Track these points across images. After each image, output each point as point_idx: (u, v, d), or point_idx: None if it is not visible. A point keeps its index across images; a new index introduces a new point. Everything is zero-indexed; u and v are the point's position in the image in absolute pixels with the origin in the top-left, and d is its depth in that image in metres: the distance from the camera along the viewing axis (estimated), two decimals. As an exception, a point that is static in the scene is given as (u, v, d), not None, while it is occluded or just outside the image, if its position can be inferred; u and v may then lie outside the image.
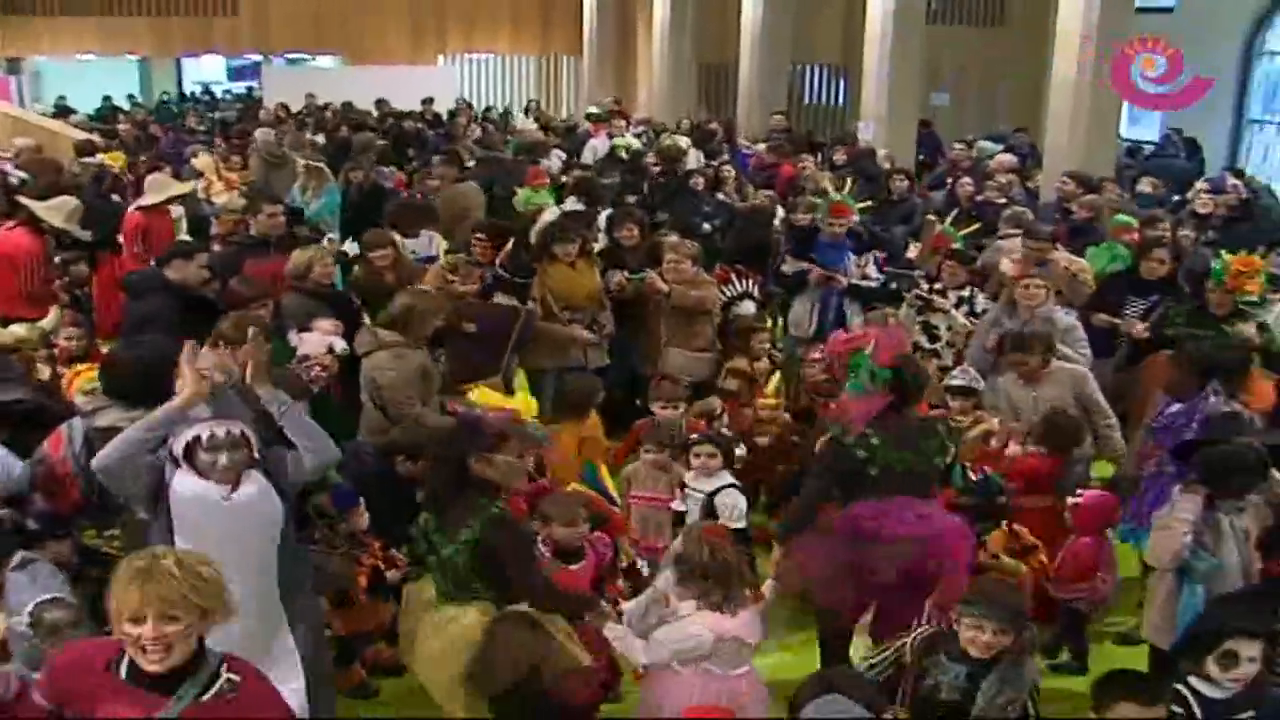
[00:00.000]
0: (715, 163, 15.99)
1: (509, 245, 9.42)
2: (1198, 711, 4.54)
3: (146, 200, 11.90)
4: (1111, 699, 4.30)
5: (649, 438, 7.43)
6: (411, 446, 6.72)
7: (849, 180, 11.72)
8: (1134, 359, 9.12)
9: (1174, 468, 6.60)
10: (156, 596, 3.60)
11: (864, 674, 4.88)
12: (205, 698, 3.73)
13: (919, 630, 5.10)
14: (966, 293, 9.56)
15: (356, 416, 7.78)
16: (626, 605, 5.68)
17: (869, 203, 11.59)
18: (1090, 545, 6.72)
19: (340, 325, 7.86)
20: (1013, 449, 7.44)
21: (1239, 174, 15.89)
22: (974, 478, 6.79)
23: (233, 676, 3.80)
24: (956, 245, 10.25)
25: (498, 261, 9.22)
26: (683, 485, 7.08)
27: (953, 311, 9.43)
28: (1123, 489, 7.46)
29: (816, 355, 8.78)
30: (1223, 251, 8.88)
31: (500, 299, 8.99)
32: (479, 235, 9.91)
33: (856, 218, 10.52)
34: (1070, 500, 6.93)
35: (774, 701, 5.33)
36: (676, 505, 7.08)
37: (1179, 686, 4.59)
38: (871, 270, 10.32)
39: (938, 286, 9.67)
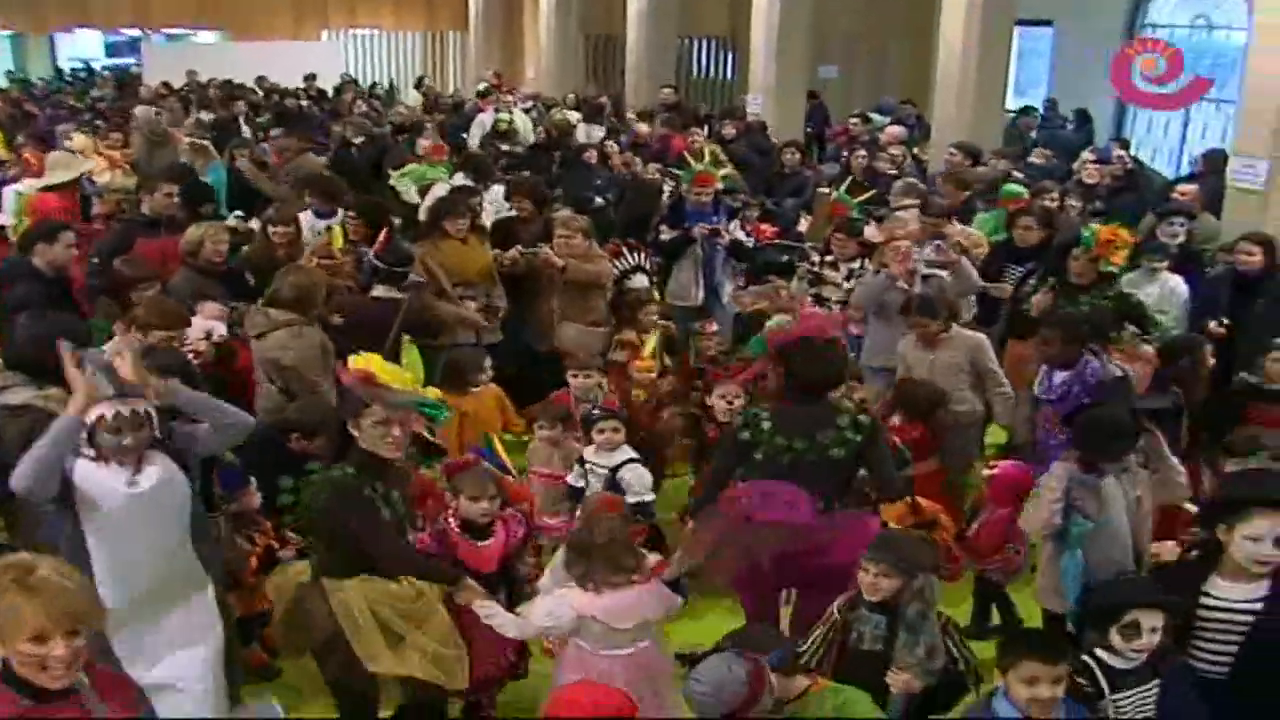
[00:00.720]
0: (618, 138, 15.96)
1: (384, 234, 9.27)
2: (1103, 682, 4.62)
3: (55, 179, 11.60)
4: (1016, 657, 4.33)
5: (542, 414, 7.45)
6: (307, 424, 6.64)
7: (708, 151, 11.96)
8: (1015, 325, 9.27)
9: (1066, 435, 6.67)
10: (62, 613, 3.43)
11: (779, 633, 4.91)
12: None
13: (843, 596, 5.16)
14: (857, 265, 9.57)
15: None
16: (541, 581, 5.65)
17: (728, 169, 11.64)
18: (1005, 517, 6.68)
19: (225, 311, 7.77)
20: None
21: (1124, 145, 16.10)
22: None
23: None
24: (854, 214, 10.36)
25: (374, 251, 9.07)
26: (581, 460, 7.04)
27: (844, 284, 9.45)
28: (1028, 457, 7.52)
29: (712, 328, 8.92)
30: (1093, 224, 9.07)
31: (379, 290, 8.76)
32: (353, 215, 9.79)
33: (721, 186, 10.71)
34: (985, 472, 6.96)
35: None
36: (571, 480, 7.07)
37: (1085, 658, 4.67)
38: (740, 235, 10.65)
39: (829, 259, 9.70)
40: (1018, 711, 4.28)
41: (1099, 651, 4.67)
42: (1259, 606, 4.79)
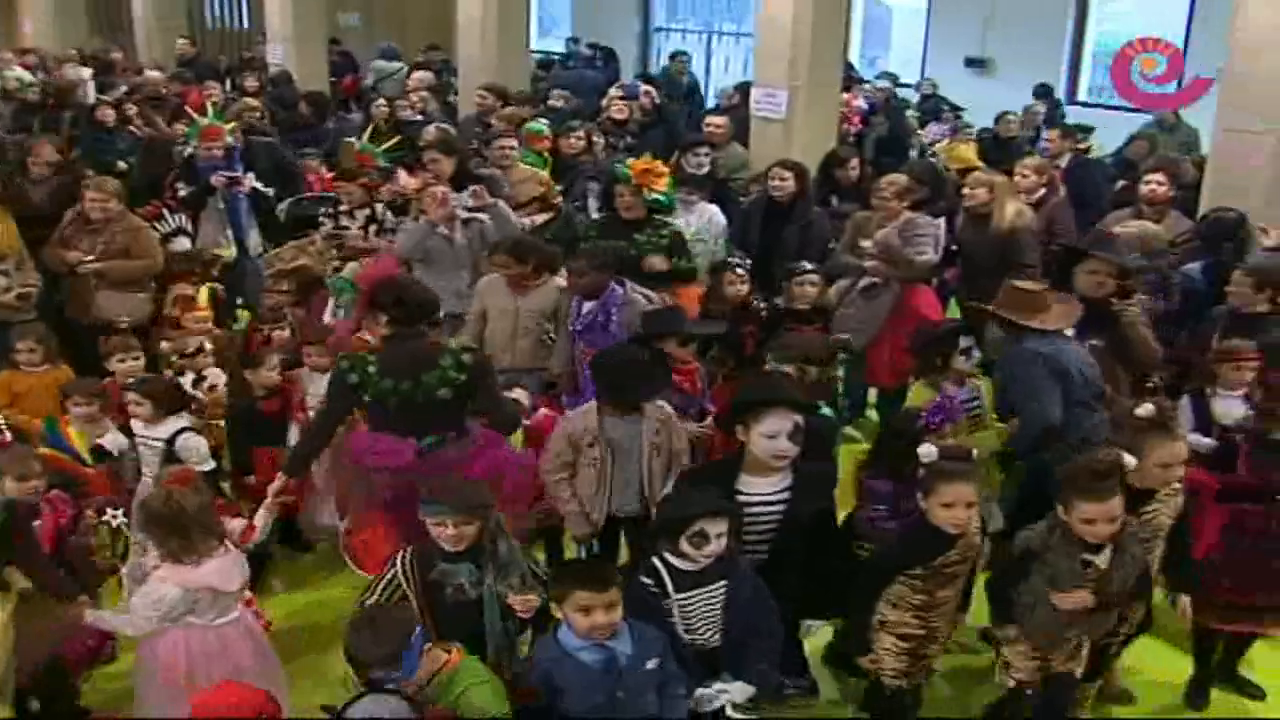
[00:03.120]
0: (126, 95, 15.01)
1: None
2: (669, 581, 4.81)
3: None
4: (567, 589, 4.46)
5: (73, 391, 6.96)
6: None
7: (212, 103, 11.85)
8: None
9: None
10: None
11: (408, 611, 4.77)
12: None
13: (399, 554, 5.09)
14: (369, 210, 9.52)
15: None
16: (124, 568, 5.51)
17: (234, 124, 11.25)
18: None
19: None
20: None
21: (650, 80, 16.34)
22: None
23: None
24: (380, 162, 10.30)
25: None
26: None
27: (355, 231, 9.38)
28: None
29: (283, 285, 8.68)
30: (627, 160, 9.22)
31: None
32: None
33: (231, 140, 10.54)
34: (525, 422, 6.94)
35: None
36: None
37: (654, 560, 4.87)
38: (259, 184, 10.53)
39: (343, 208, 9.57)
40: (581, 640, 4.43)
41: (667, 556, 4.85)
42: (785, 496, 5.28)
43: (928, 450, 5.22)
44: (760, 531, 5.25)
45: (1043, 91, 17.85)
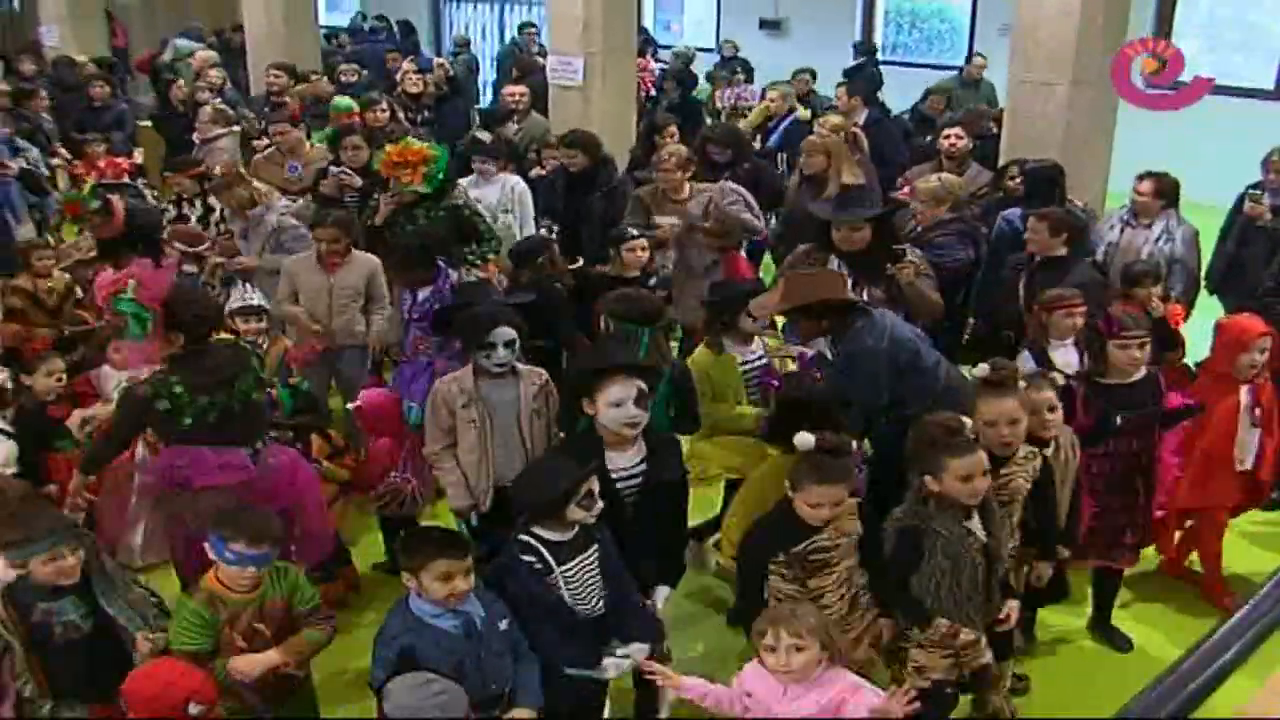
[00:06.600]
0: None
1: None
2: (549, 557, 4.74)
3: None
4: (426, 558, 4.40)
5: None
6: None
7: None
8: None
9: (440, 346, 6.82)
10: None
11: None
12: None
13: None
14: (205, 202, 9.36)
15: None
16: None
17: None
18: (387, 444, 6.63)
19: None
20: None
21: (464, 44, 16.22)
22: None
23: None
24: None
25: None
26: None
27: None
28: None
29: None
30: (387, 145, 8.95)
31: None
32: None
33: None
34: (352, 404, 6.87)
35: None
36: None
37: (526, 538, 4.75)
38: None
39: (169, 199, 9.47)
40: (436, 608, 4.41)
41: (536, 529, 4.77)
42: (641, 468, 5.20)
43: (804, 439, 5.08)
44: (625, 504, 5.17)
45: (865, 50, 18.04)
